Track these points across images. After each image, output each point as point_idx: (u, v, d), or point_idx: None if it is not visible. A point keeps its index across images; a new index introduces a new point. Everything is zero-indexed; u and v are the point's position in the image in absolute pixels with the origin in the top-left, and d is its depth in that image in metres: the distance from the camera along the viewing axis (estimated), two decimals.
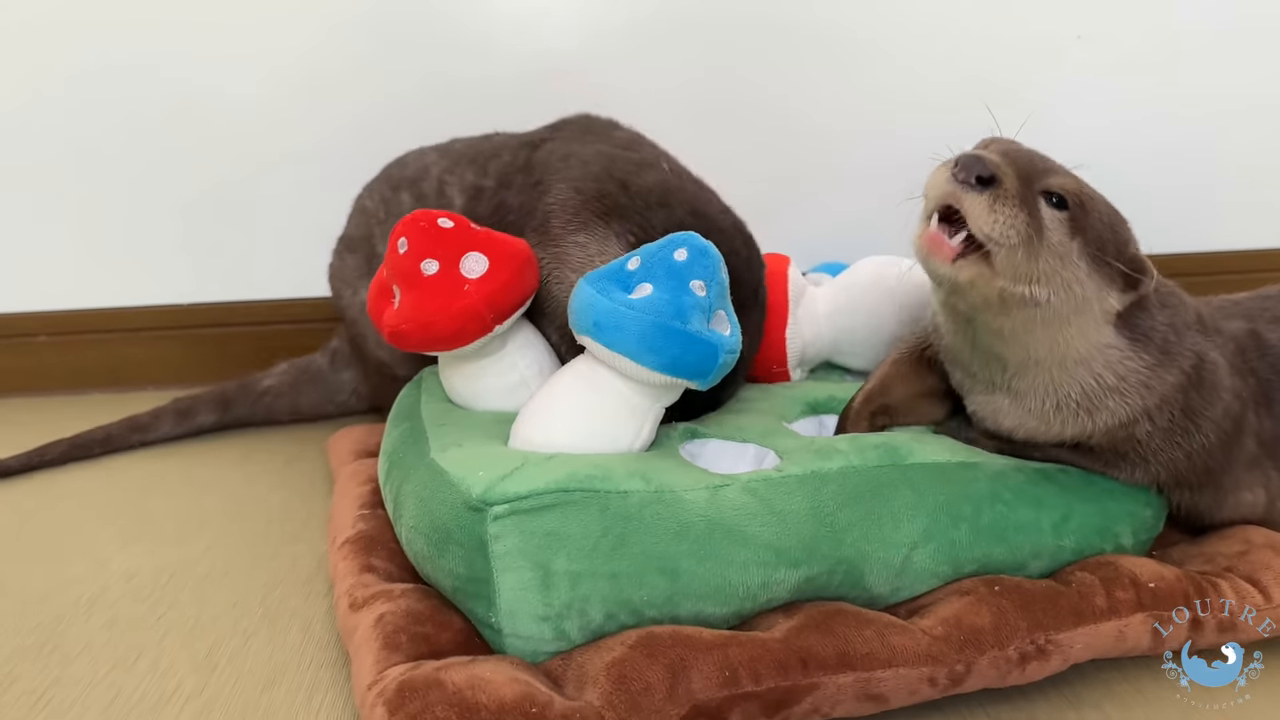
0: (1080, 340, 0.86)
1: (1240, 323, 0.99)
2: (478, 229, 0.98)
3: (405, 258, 0.95)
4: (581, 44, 1.69)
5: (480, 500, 0.79)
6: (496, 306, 0.95)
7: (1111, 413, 0.89)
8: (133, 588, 1.03)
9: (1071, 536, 0.90)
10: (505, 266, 0.96)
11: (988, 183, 0.81)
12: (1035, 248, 0.82)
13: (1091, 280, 0.85)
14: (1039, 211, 0.82)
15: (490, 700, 0.69)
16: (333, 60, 1.66)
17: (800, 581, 0.82)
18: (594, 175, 1.08)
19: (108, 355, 1.73)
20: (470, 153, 1.22)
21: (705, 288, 0.86)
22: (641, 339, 0.83)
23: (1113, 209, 0.88)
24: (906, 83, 1.73)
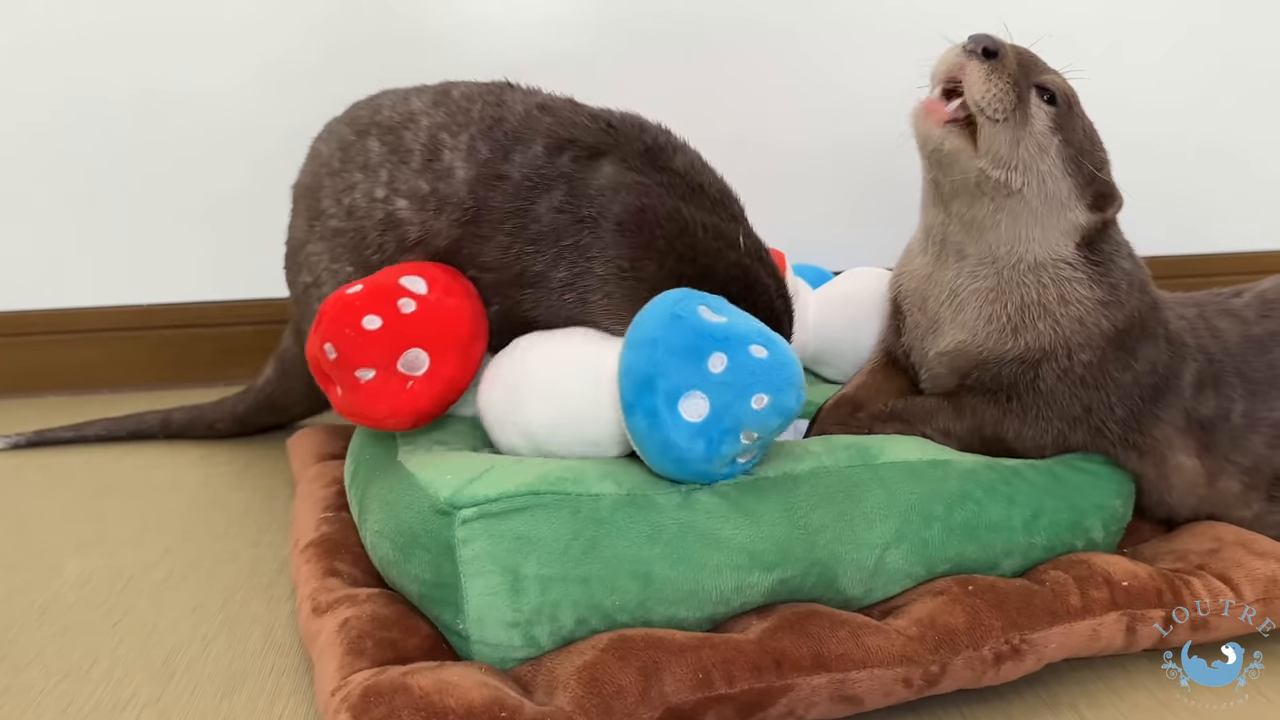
0: (1041, 243, 0.93)
1: (1192, 310, 1.02)
2: (409, 313, 0.87)
3: (336, 365, 0.86)
4: (549, 47, 1.68)
5: (448, 503, 0.77)
6: (444, 402, 0.90)
7: (1038, 335, 0.94)
8: (87, 593, 1.00)
9: (1043, 533, 0.90)
10: (449, 358, 0.88)
11: (991, 54, 0.88)
12: (1018, 131, 0.89)
13: (1065, 181, 0.91)
14: (1029, 98, 0.90)
15: (459, 704, 0.67)
16: (297, 62, 1.64)
17: (774, 584, 0.81)
18: (670, 268, 0.89)
19: (65, 357, 1.69)
20: (483, 117, 0.98)
21: (755, 439, 0.78)
22: (657, 455, 0.78)
23: (1094, 131, 0.96)
24: (861, 86, 1.73)
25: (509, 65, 1.64)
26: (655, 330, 0.78)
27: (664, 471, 0.80)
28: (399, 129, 1.01)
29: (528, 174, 0.93)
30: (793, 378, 0.78)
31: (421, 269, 0.92)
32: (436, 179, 0.96)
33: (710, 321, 0.78)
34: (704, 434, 0.76)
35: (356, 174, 1.03)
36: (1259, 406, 0.97)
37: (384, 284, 0.89)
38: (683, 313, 0.79)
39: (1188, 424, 0.96)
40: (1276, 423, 0.97)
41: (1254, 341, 0.99)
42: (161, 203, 1.66)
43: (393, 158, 1.00)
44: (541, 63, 1.67)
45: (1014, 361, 0.94)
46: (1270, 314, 1.01)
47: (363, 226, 1.02)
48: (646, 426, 0.77)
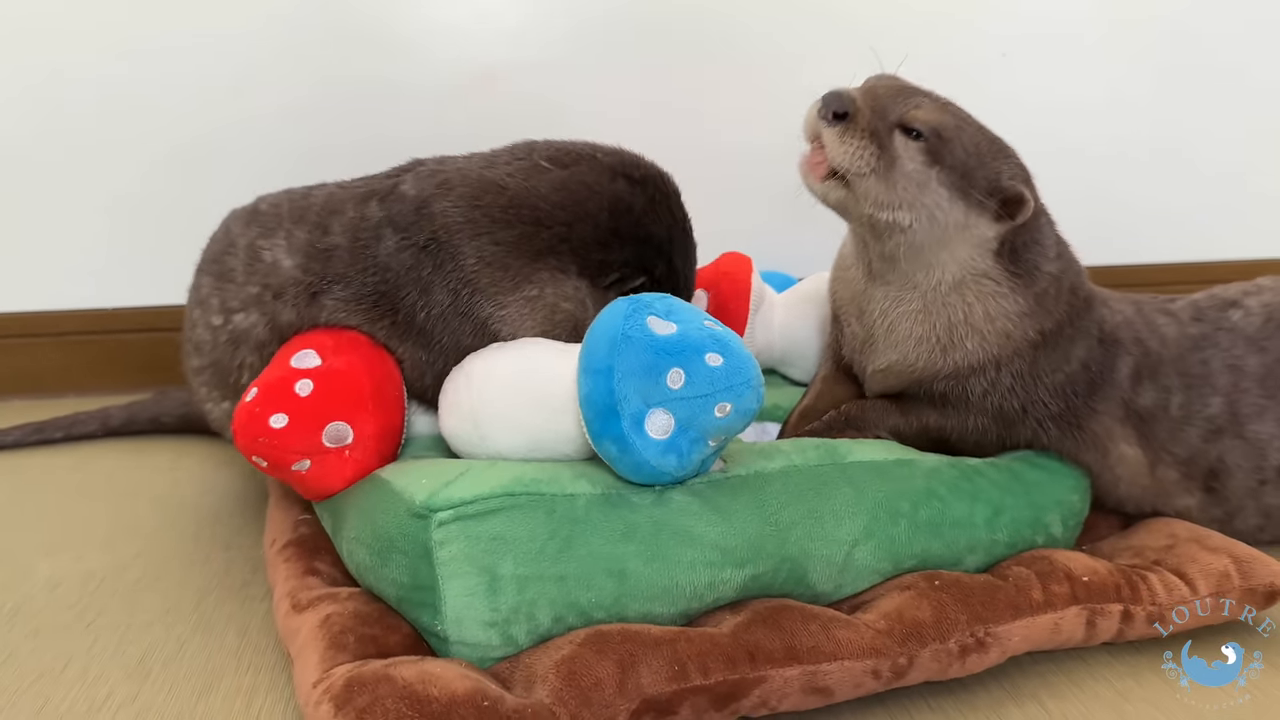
0: (953, 264, 0.94)
1: (1128, 306, 1.05)
2: (307, 395, 0.88)
3: (272, 469, 0.89)
4: (518, 53, 1.69)
5: (424, 507, 0.78)
6: (386, 452, 0.92)
7: (966, 354, 0.96)
8: (58, 596, 1.00)
9: (1005, 530, 0.93)
10: (364, 417, 0.90)
11: (841, 117, 0.89)
12: (889, 177, 0.90)
13: (955, 207, 0.91)
14: (892, 144, 0.90)
15: (441, 694, 0.68)
16: (259, 65, 1.64)
17: (746, 580, 0.83)
18: (509, 224, 0.95)
19: (28, 361, 1.68)
20: (290, 212, 1.04)
21: (722, 441, 0.81)
22: (630, 473, 0.81)
23: (988, 141, 0.94)
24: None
25: (478, 70, 1.66)
26: (609, 358, 0.79)
27: (637, 482, 0.82)
28: (221, 257, 1.07)
29: (352, 236, 0.98)
30: (750, 379, 0.79)
31: (307, 340, 0.95)
32: (264, 278, 1.02)
33: (661, 336, 0.79)
34: (673, 449, 0.79)
35: (196, 312, 1.10)
36: (1194, 400, 1.01)
37: (276, 378, 0.91)
38: (632, 332, 0.79)
39: (1126, 414, 1.00)
40: (1210, 417, 1.00)
41: (1189, 340, 1.03)
42: (127, 206, 1.65)
43: (219, 285, 1.06)
44: (512, 68, 1.68)
45: (946, 378, 0.98)
46: (1201, 318, 1.05)
47: (217, 359, 1.07)
48: (617, 452, 0.79)
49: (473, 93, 1.67)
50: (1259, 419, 1.01)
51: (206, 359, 1.09)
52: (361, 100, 1.66)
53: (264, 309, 1.01)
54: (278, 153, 1.64)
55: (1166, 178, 1.92)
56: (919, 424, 1.00)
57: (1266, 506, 1.02)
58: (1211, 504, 1.02)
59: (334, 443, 0.88)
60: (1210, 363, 1.02)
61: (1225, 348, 1.02)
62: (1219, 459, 1.00)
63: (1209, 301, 1.07)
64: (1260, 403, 1.01)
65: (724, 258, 1.25)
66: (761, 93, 1.75)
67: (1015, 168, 0.94)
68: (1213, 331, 1.03)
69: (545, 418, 0.87)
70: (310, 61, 1.64)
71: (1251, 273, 1.15)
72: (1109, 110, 1.87)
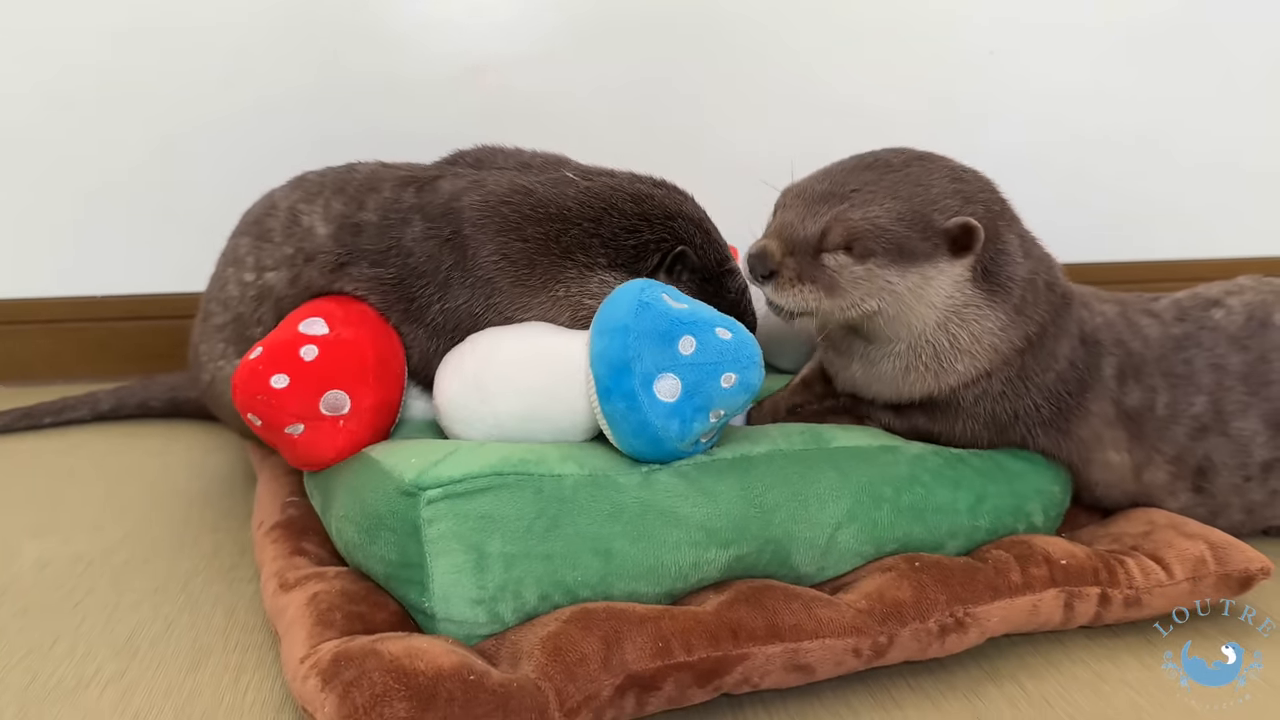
0: (932, 311, 0.94)
1: (1112, 306, 1.07)
2: (311, 360, 0.89)
3: (265, 430, 0.89)
4: (512, 48, 1.70)
5: (413, 485, 0.79)
6: (380, 427, 0.93)
7: (959, 375, 0.97)
8: (46, 576, 1.00)
9: (986, 517, 0.94)
10: (365, 389, 0.91)
11: (768, 277, 0.93)
12: (837, 292, 0.93)
13: (908, 276, 0.92)
14: (824, 271, 0.93)
15: (428, 667, 0.69)
16: (249, 56, 1.64)
17: (730, 561, 0.84)
18: (532, 232, 0.97)
19: (17, 348, 1.68)
20: (333, 183, 1.07)
21: (721, 416, 0.83)
22: (632, 435, 0.82)
23: (905, 200, 0.92)
24: (812, 88, 1.78)
25: (470, 64, 1.67)
26: (626, 318, 0.81)
27: (636, 451, 0.83)
28: (262, 219, 1.10)
29: (383, 214, 1.01)
30: (755, 356, 0.83)
31: (317, 308, 0.96)
32: (299, 241, 1.04)
33: (675, 307, 0.82)
34: (678, 413, 0.80)
35: (230, 270, 1.13)
36: (1179, 399, 1.02)
37: (282, 339, 0.91)
38: (649, 300, 0.82)
39: (1117, 414, 1.01)
40: (1195, 416, 1.01)
41: (1172, 340, 1.04)
42: (116, 194, 1.66)
43: (257, 244, 1.09)
44: (504, 62, 1.69)
45: (939, 394, 0.99)
46: (1184, 318, 1.06)
47: (240, 313, 1.10)
48: (625, 409, 0.80)
49: (464, 86, 1.68)
50: (1242, 416, 1.02)
51: (231, 314, 1.11)
52: (352, 93, 1.66)
53: (294, 270, 1.04)
54: (268, 144, 1.64)
55: (1155, 170, 1.94)
56: (910, 426, 1.01)
57: (1250, 502, 1.03)
58: (1198, 503, 1.03)
59: (330, 411, 0.89)
60: (1194, 362, 1.03)
61: (1208, 347, 1.03)
62: (1206, 457, 1.02)
63: (1191, 301, 1.08)
64: (1244, 400, 1.02)
65: None
66: (754, 86, 1.77)
67: (948, 202, 0.93)
68: (1196, 331, 1.05)
69: (550, 383, 0.88)
70: (301, 54, 1.65)
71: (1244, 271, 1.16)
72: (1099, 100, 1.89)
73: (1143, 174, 1.93)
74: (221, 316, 1.13)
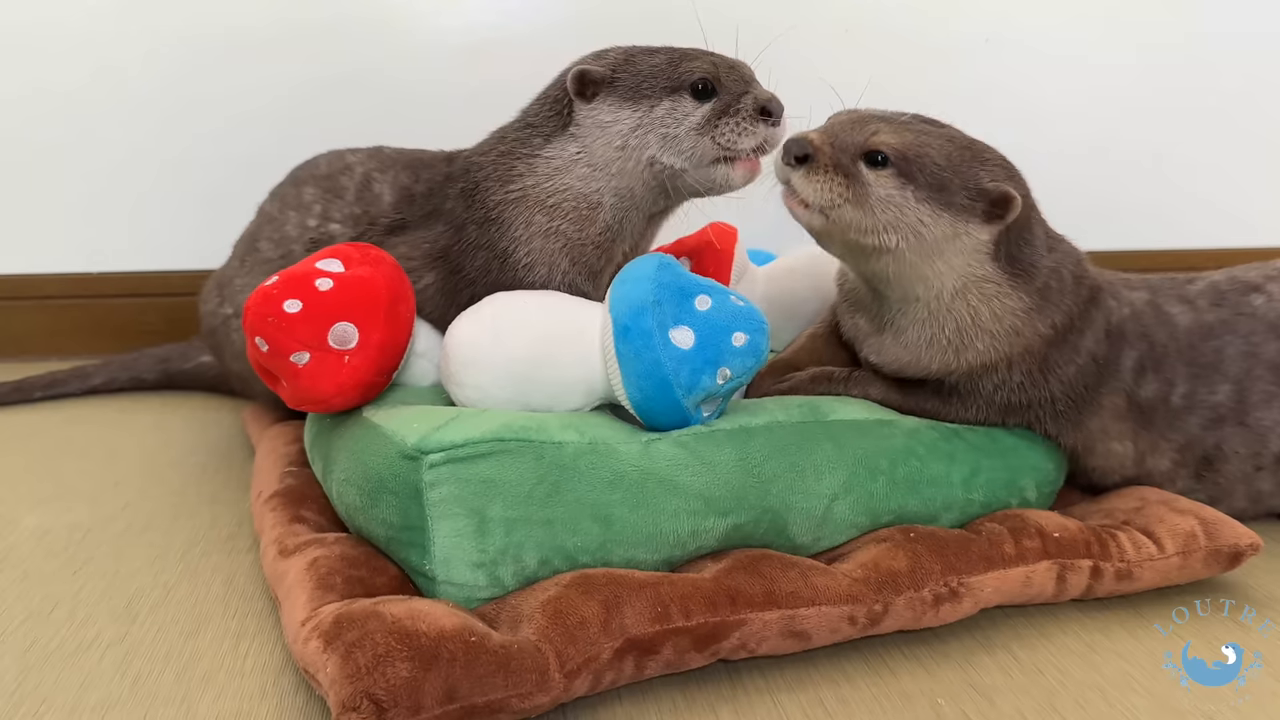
0: (950, 274, 0.94)
1: (1143, 294, 1.05)
2: (326, 290, 0.90)
3: (271, 355, 0.89)
4: (508, 32, 1.70)
5: (415, 449, 0.80)
6: (385, 367, 0.92)
7: (979, 353, 0.96)
8: (45, 544, 1.01)
9: (980, 490, 0.95)
10: (374, 324, 0.91)
11: (803, 160, 0.91)
12: (865, 204, 0.91)
13: (939, 220, 0.91)
14: (859, 173, 0.91)
15: (430, 628, 0.70)
16: (255, 39, 1.64)
17: (728, 530, 0.85)
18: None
19: (12, 323, 1.68)
20: (403, 159, 1.17)
21: (728, 378, 0.85)
22: (642, 377, 0.84)
23: (961, 148, 0.93)
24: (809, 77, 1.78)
25: (466, 45, 1.67)
26: (649, 271, 0.87)
27: (643, 395, 0.84)
28: (335, 175, 1.18)
29: (429, 185, 1.12)
30: (764, 326, 0.87)
31: (335, 250, 0.97)
32: (368, 205, 1.14)
33: (693, 274, 0.87)
34: (689, 361, 0.83)
35: (290, 213, 1.19)
36: (1199, 389, 1.01)
37: (299, 271, 0.92)
38: (670, 263, 0.88)
39: (1128, 406, 1.00)
40: (1214, 405, 1.01)
41: (1204, 327, 1.03)
42: (114, 171, 1.66)
43: (326, 196, 1.17)
44: (501, 48, 1.69)
45: (958, 374, 0.98)
46: (1222, 303, 1.04)
47: (291, 251, 1.16)
48: (640, 347, 0.83)
49: (460, 69, 1.68)
50: (1266, 406, 1.01)
51: (282, 250, 1.18)
52: (345, 81, 1.66)
53: (358, 229, 1.12)
54: (269, 127, 1.65)
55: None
56: (916, 407, 1.00)
57: (1257, 491, 1.04)
58: (1197, 490, 1.02)
59: (338, 344, 0.89)
60: (1224, 350, 1.02)
61: (1244, 334, 1.02)
62: (1216, 446, 1.01)
63: (1230, 285, 1.06)
64: (1270, 390, 1.01)
65: (710, 227, 1.27)
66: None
67: (996, 169, 0.94)
68: (1232, 317, 1.03)
69: (564, 332, 0.89)
70: (303, 43, 1.65)
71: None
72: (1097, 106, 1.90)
73: (1142, 156, 1.94)
74: (271, 251, 1.19)
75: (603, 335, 0.87)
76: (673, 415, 0.85)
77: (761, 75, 1.66)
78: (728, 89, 1.00)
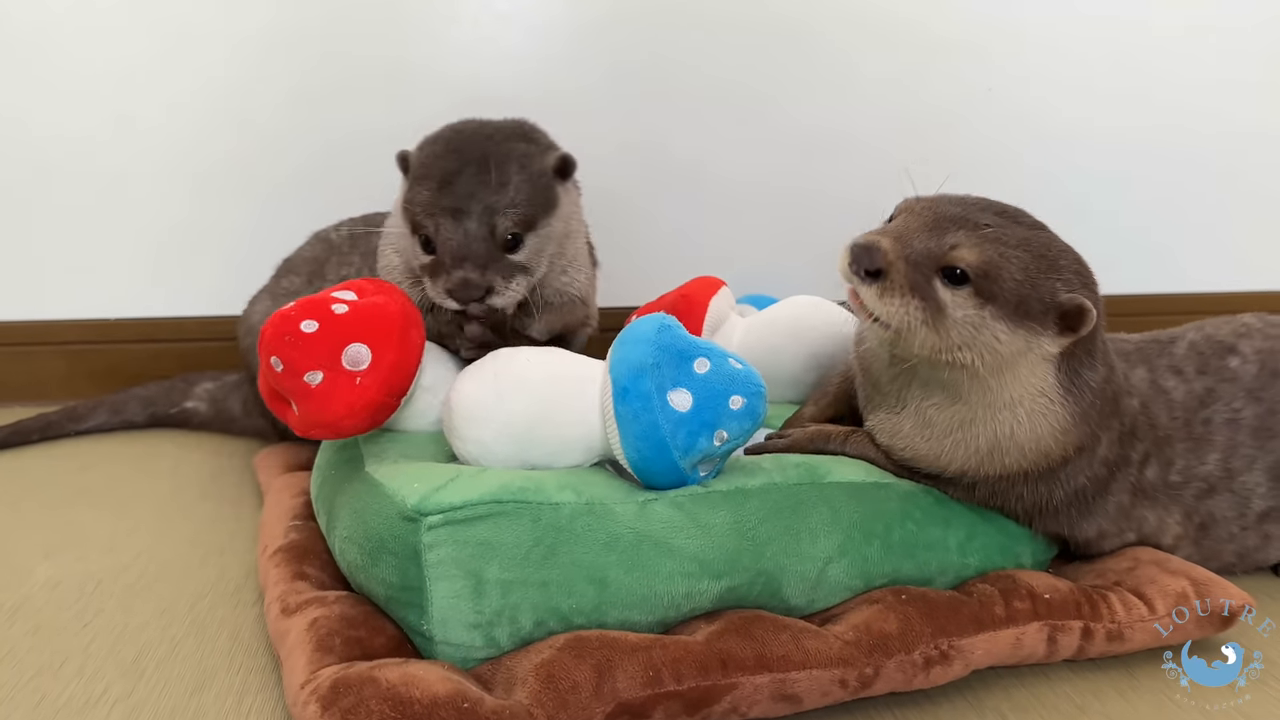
0: (1015, 385, 0.89)
1: (1143, 370, 1.04)
2: (341, 314, 0.93)
3: (285, 375, 0.91)
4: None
5: (415, 510, 0.82)
6: (395, 388, 0.94)
7: (1004, 467, 0.92)
8: (57, 596, 1.03)
9: (976, 555, 0.96)
10: (387, 346, 0.93)
11: (875, 275, 0.85)
12: (940, 325, 0.85)
13: (1016, 337, 0.86)
14: (935, 293, 0.85)
15: (423, 695, 0.71)
16: (271, 99, 1.68)
17: (722, 592, 0.86)
18: None
19: (31, 368, 1.71)
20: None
21: (725, 440, 0.86)
22: (640, 438, 0.85)
23: (1038, 258, 0.87)
24: (825, 124, 1.81)
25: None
26: (649, 334, 0.88)
27: (640, 455, 0.85)
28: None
29: None
30: (762, 390, 0.88)
31: (350, 284, 1.01)
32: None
33: (692, 336, 0.90)
34: (686, 424, 0.84)
35: (356, 258, 1.34)
36: (1193, 462, 1.01)
37: (317, 298, 0.96)
38: (670, 324, 0.90)
39: (1132, 496, 1.00)
40: (1205, 476, 1.01)
41: (1195, 399, 1.02)
42: (130, 219, 1.69)
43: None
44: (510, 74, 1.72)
45: (972, 477, 0.95)
46: (1205, 370, 1.04)
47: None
48: (639, 409, 0.84)
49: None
50: (1248, 470, 1.02)
51: (353, 270, 1.33)
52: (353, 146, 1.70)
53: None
54: (283, 173, 1.68)
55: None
56: (912, 476, 0.98)
57: (1243, 547, 1.04)
58: (1195, 553, 1.03)
59: (351, 365, 0.91)
60: (1212, 420, 1.02)
61: (1226, 400, 1.03)
62: (1209, 513, 1.02)
63: (1208, 346, 1.06)
64: (1251, 454, 1.02)
65: (692, 281, 1.29)
66: (757, 121, 1.80)
67: (1071, 277, 0.88)
68: (1216, 385, 1.03)
69: (564, 390, 0.91)
70: (318, 105, 1.69)
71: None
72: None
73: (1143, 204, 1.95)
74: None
75: (602, 395, 0.88)
76: (669, 476, 0.87)
77: (775, 126, 1.66)
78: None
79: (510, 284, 1.07)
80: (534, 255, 1.10)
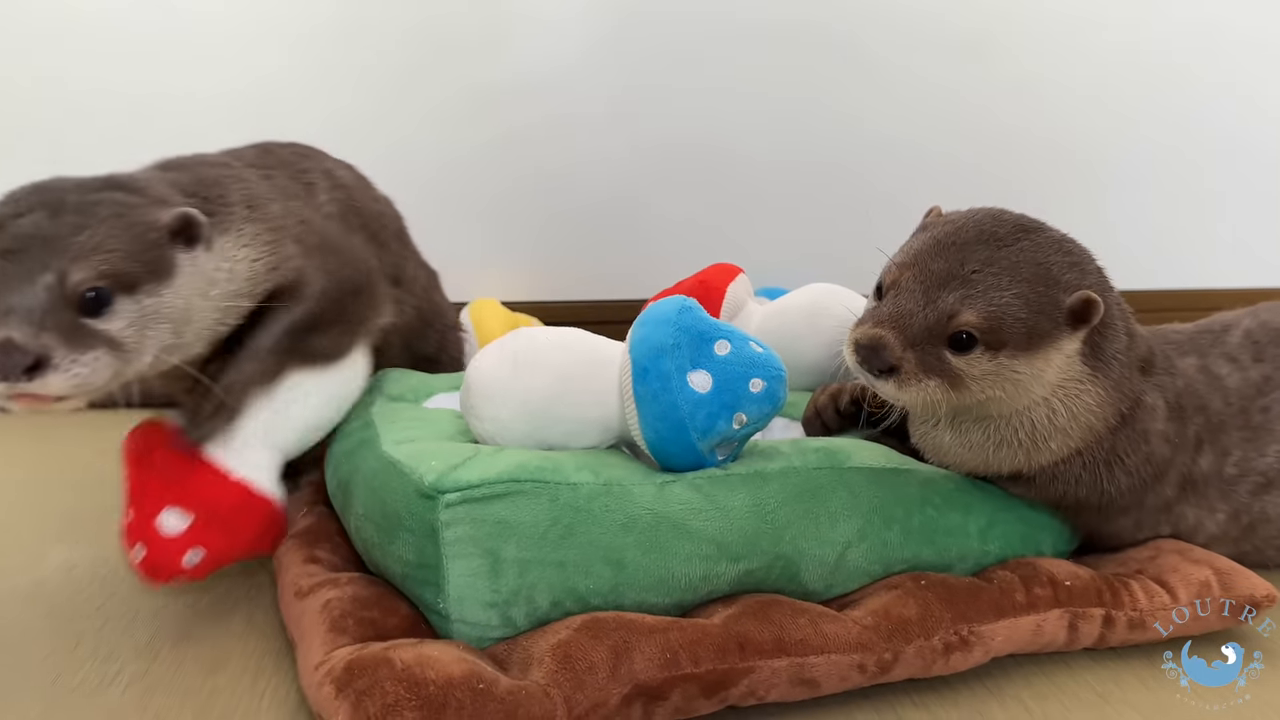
0: (1044, 384, 0.89)
1: (1193, 359, 1.02)
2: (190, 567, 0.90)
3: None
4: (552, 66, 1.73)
5: (432, 488, 0.81)
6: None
7: (1052, 452, 0.92)
8: (72, 579, 1.03)
9: (996, 542, 0.95)
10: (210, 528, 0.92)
11: (887, 372, 0.86)
12: (961, 388, 0.86)
13: (1035, 359, 0.86)
14: (949, 366, 0.85)
15: (438, 676, 0.71)
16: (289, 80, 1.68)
17: (740, 575, 0.85)
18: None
19: None
20: None
21: (744, 423, 0.86)
22: (659, 419, 0.85)
23: (1034, 280, 0.86)
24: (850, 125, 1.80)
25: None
26: (670, 314, 0.87)
27: (658, 436, 0.85)
28: None
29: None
30: (782, 374, 0.88)
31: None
32: None
33: (713, 318, 0.89)
34: (706, 405, 0.84)
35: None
36: (1250, 453, 0.99)
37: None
38: (691, 306, 0.89)
39: (1182, 485, 0.98)
40: (1264, 470, 0.99)
41: (1251, 386, 1.00)
42: None
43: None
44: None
45: (1037, 470, 0.94)
46: (1262, 357, 1.02)
47: None
48: (658, 389, 0.84)
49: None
50: None
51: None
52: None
53: None
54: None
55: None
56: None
57: None
58: (1231, 553, 0.99)
59: (169, 530, 0.91)
60: (1271, 409, 1.00)
61: None
62: (1261, 512, 0.99)
63: (1263, 334, 1.04)
64: None
65: (710, 268, 1.28)
66: (772, 102, 1.79)
67: (1069, 275, 0.87)
68: (1274, 372, 1.01)
69: (584, 370, 0.90)
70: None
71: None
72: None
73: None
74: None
75: (621, 376, 0.88)
76: (687, 457, 0.86)
77: (803, 125, 1.65)
78: None
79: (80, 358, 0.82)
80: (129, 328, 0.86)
